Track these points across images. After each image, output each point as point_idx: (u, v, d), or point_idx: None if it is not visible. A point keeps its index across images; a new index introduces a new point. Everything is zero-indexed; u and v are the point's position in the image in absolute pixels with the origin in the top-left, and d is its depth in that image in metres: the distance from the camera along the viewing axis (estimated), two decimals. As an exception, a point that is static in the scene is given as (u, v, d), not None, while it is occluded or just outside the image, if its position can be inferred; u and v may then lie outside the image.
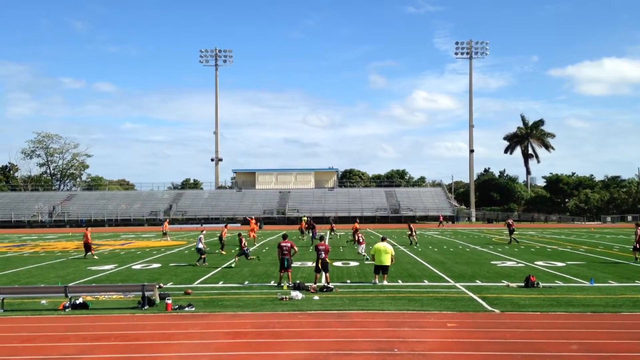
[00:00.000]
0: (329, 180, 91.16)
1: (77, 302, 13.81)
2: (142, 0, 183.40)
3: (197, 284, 17.86)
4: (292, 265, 17.69)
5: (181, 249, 32.02)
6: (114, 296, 14.98)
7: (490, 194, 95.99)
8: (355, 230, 31.90)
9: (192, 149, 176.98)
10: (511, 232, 34.61)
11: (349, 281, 17.99)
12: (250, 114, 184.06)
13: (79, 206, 79.13)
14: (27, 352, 9.67)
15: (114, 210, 77.70)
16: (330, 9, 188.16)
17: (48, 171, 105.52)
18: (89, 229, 28.62)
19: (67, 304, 13.69)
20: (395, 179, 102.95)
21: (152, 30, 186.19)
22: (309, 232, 37.66)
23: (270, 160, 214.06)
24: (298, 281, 17.12)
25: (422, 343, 10.14)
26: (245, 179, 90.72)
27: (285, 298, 14.62)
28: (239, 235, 24.76)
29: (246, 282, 17.86)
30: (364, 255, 24.78)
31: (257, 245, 33.60)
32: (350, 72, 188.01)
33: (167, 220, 51.56)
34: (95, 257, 26.75)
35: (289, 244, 17.40)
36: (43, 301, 14.46)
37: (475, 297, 14.80)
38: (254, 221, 37.65)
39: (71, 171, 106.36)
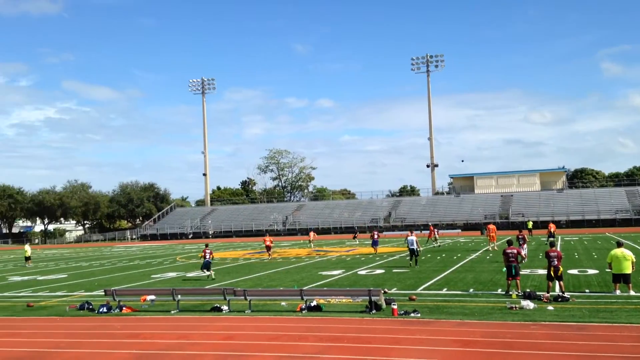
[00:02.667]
0: (556, 181, 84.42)
1: (312, 304, 14.84)
2: (354, 18, 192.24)
3: (421, 290, 17.91)
4: (521, 272, 16.72)
5: (402, 255, 32.48)
6: (344, 300, 15.78)
7: None
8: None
9: (407, 157, 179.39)
10: None
11: (587, 290, 16.37)
12: (465, 116, 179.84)
13: (307, 215, 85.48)
14: (273, 350, 10.66)
15: (337, 218, 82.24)
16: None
17: (280, 184, 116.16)
18: (268, 235, 35.30)
19: (303, 306, 14.80)
20: (637, 176, 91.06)
21: (366, 46, 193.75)
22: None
23: (490, 163, 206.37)
24: (528, 290, 16.11)
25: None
26: (462, 184, 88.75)
27: (515, 307, 13.86)
28: (206, 245, 24.70)
29: (471, 290, 17.38)
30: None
31: (484, 250, 32.52)
32: (575, 62, 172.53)
33: (313, 230, 54.91)
34: (278, 259, 28.54)
35: (515, 251, 16.51)
36: (283, 303, 15.83)
37: None
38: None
39: (299, 183, 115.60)
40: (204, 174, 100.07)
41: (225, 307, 15.25)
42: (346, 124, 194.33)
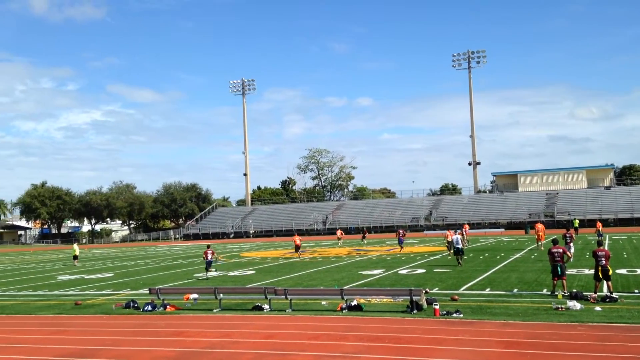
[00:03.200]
0: (604, 178, 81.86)
1: (352, 304, 14.81)
2: (392, 16, 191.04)
3: (463, 290, 17.65)
4: (567, 272, 16.28)
5: (445, 254, 32.07)
6: (384, 299, 15.69)
7: None
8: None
9: (448, 155, 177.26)
10: None
11: (636, 291, 15.82)
12: (508, 113, 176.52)
13: (347, 215, 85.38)
14: (313, 349, 10.69)
15: (378, 217, 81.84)
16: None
17: (320, 183, 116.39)
18: (297, 235, 36.15)
19: (343, 306, 14.78)
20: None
21: (406, 43, 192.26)
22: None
23: (534, 160, 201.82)
24: (575, 290, 15.66)
25: None
26: (506, 182, 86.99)
27: (561, 308, 13.50)
28: (208, 247, 25.86)
29: (515, 290, 17.02)
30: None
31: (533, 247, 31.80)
32: (621, 56, 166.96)
33: (341, 229, 54.67)
34: (318, 258, 28.47)
35: (560, 250, 16.09)
36: (323, 302, 15.85)
37: None
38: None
39: (339, 182, 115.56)
40: (245, 174, 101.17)
41: (266, 306, 15.38)
42: (386, 123, 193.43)
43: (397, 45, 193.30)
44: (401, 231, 38.06)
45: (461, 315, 13.25)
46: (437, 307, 13.59)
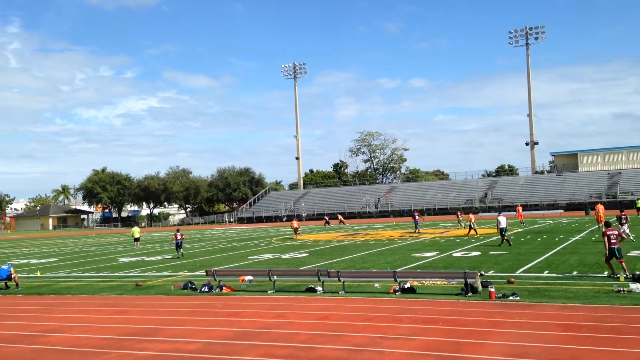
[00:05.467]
0: (670, 156, 77.97)
1: (406, 286, 14.73)
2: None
3: (520, 272, 17.25)
4: (630, 254, 15.63)
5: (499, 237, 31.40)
6: (438, 282, 15.53)
7: None
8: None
9: (505, 135, 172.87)
10: None
11: None
12: (569, 91, 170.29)
13: (400, 197, 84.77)
14: (367, 330, 10.71)
15: (431, 200, 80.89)
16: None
17: (372, 166, 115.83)
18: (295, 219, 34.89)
19: (396, 288, 14.72)
20: None
21: (459, 21, 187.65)
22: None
23: (595, 139, 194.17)
24: (638, 272, 15.05)
25: None
26: (565, 162, 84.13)
27: (623, 290, 13.01)
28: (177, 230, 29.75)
29: (574, 272, 16.51)
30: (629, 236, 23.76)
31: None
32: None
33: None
34: (370, 241, 28.24)
35: (615, 232, 15.50)
36: (376, 284, 15.83)
37: None
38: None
39: (391, 165, 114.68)
40: (297, 158, 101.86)
41: (319, 288, 15.50)
42: (440, 103, 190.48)
43: (451, 23, 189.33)
44: (417, 214, 39.43)
45: (518, 298, 12.97)
46: (492, 289, 13.34)
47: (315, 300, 14.40)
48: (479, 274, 14.94)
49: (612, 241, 15.32)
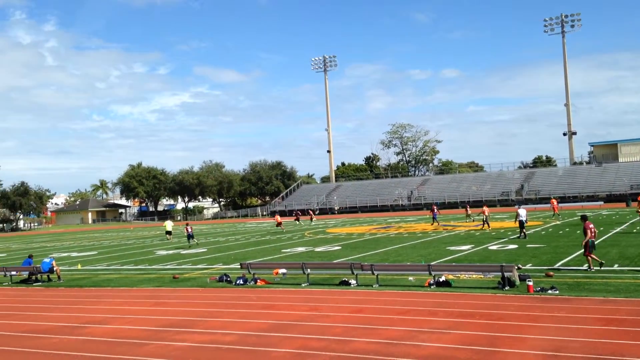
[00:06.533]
0: None
1: (441, 280, 14.61)
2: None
3: (559, 265, 16.92)
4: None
5: (537, 229, 30.88)
6: (474, 275, 15.35)
7: None
8: None
9: (541, 125, 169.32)
10: None
11: None
12: (607, 79, 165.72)
13: (432, 190, 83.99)
14: (402, 324, 10.67)
15: (465, 192, 79.89)
16: None
17: (404, 158, 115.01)
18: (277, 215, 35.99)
19: (431, 281, 14.61)
20: None
21: (492, 10, 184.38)
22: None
23: (636, 128, 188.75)
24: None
25: None
26: (604, 152, 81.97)
27: (668, 285, 12.63)
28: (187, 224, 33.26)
29: (615, 266, 16.11)
30: None
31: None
32: None
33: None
34: (404, 234, 27.95)
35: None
36: (410, 278, 15.74)
37: None
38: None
39: (424, 157, 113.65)
40: (328, 151, 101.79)
41: (353, 281, 15.50)
42: (472, 94, 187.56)
43: (483, 12, 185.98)
44: (435, 207, 40.82)
45: (557, 292, 12.73)
46: (530, 283, 13.13)
47: (349, 293, 14.41)
48: (516, 267, 14.70)
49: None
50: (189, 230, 32.57)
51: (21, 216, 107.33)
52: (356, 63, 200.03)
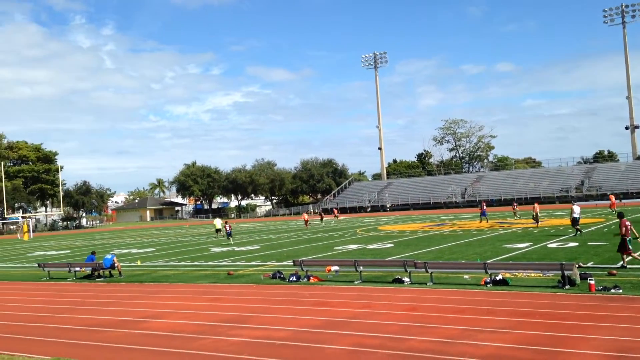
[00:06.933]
0: None
1: (497, 278, 14.26)
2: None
3: (622, 264, 16.21)
4: None
5: (599, 226, 29.73)
6: (532, 274, 14.91)
7: None
8: None
9: (602, 119, 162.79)
10: None
11: None
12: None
13: (488, 186, 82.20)
14: (459, 323, 10.47)
15: (522, 188, 77.80)
16: None
17: (457, 155, 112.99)
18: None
19: (487, 280, 14.28)
20: None
21: (548, 1, 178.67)
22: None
23: None
24: None
25: None
26: (670, 146, 78.08)
27: None
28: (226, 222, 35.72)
29: (685, 265, 15.30)
30: None
31: None
32: None
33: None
34: (458, 231, 27.24)
35: None
36: (466, 276, 15.44)
37: None
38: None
39: (478, 153, 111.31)
40: (379, 148, 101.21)
41: (406, 279, 15.34)
42: (528, 88, 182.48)
43: (538, 4, 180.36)
44: (484, 204, 40.20)
45: (620, 291, 12.21)
46: (592, 282, 12.64)
47: (403, 291, 14.27)
48: (577, 265, 14.20)
49: None
50: (228, 228, 35.13)
51: (84, 214, 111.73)
52: (407, 59, 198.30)
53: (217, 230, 40.38)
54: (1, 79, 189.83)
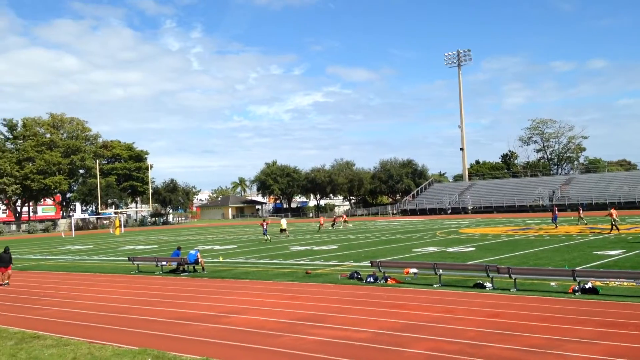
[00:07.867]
0: None
1: (587, 286, 13.53)
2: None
3: None
4: None
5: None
6: (625, 283, 14.01)
7: None
8: None
9: None
10: None
11: None
12: None
13: (578, 190, 78.22)
14: (544, 332, 10.01)
15: (615, 192, 73.41)
16: None
17: (545, 156, 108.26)
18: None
19: (576, 288, 13.58)
20: None
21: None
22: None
23: None
24: None
25: None
26: None
27: None
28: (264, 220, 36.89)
29: None
30: None
31: None
32: None
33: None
34: (545, 236, 25.76)
35: None
36: (552, 283, 14.76)
37: None
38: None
39: (568, 154, 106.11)
40: (462, 149, 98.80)
41: (488, 284, 14.87)
42: (624, 86, 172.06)
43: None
44: (556, 209, 41.34)
45: None
46: (695, 294, 11.71)
47: (484, 296, 13.83)
48: (677, 276, 13.20)
49: None
50: (265, 226, 38.40)
51: (170, 211, 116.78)
52: (492, 56, 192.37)
53: (282, 230, 41.29)
54: (97, 81, 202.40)
